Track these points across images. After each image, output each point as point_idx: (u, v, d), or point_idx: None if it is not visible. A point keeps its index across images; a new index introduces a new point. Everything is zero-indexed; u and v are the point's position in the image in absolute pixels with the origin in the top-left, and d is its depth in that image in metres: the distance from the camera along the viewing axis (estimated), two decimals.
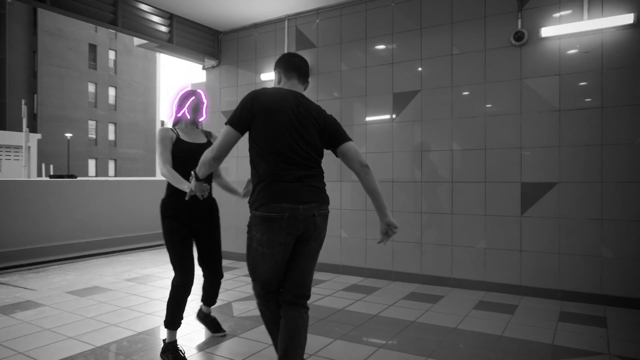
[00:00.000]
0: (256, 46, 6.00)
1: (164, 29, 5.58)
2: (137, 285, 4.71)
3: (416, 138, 4.81)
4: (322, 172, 2.24)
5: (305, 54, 5.55)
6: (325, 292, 4.41)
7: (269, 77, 5.78)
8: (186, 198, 2.45)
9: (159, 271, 5.45)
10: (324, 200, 2.19)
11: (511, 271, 4.30)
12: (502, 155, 4.35)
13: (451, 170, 4.60)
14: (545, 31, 4.09)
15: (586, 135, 3.99)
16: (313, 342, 3.05)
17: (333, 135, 2.20)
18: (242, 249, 6.07)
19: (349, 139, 2.23)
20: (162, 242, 7.59)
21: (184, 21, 5.78)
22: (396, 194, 4.90)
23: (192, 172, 2.32)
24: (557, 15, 4.11)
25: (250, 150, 2.18)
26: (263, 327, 2.87)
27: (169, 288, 2.79)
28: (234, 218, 5.70)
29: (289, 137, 2.07)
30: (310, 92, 5.53)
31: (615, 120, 3.88)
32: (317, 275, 5.11)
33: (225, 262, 5.54)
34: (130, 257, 6.53)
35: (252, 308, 3.88)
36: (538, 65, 4.20)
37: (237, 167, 6.08)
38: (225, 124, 2.13)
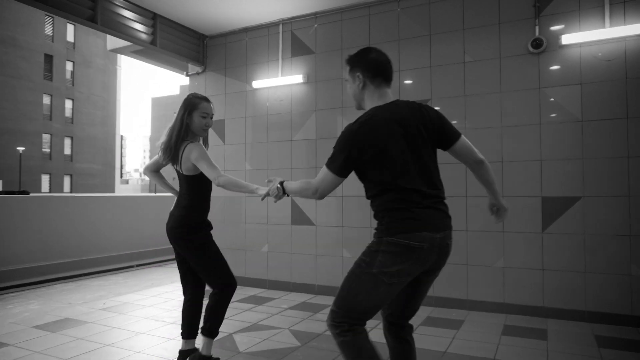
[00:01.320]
0: (246, 52, 5.58)
1: (146, 29, 5.07)
2: (116, 316, 4.10)
3: None
4: (443, 190, 2.03)
5: (302, 61, 5.18)
6: None
7: (260, 84, 5.36)
8: (261, 199, 2.34)
9: (137, 298, 4.84)
10: (451, 225, 1.99)
11: (533, 292, 4.02)
12: (521, 168, 4.11)
13: (465, 183, 4.31)
14: (566, 38, 3.90)
15: (611, 146, 3.80)
16: None
17: (440, 137, 1.98)
18: (235, 269, 5.53)
19: (459, 135, 2.01)
20: (134, 263, 7.03)
21: (168, 22, 5.30)
22: None
23: (280, 186, 2.08)
24: (576, 22, 3.94)
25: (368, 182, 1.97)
26: None
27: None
28: (228, 238, 5.21)
29: (410, 169, 1.86)
30: (308, 102, 5.16)
31: None
32: (319, 300, 4.67)
33: None
34: (99, 282, 5.85)
35: (258, 341, 3.39)
36: (558, 73, 4.00)
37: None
38: (326, 165, 1.91)
